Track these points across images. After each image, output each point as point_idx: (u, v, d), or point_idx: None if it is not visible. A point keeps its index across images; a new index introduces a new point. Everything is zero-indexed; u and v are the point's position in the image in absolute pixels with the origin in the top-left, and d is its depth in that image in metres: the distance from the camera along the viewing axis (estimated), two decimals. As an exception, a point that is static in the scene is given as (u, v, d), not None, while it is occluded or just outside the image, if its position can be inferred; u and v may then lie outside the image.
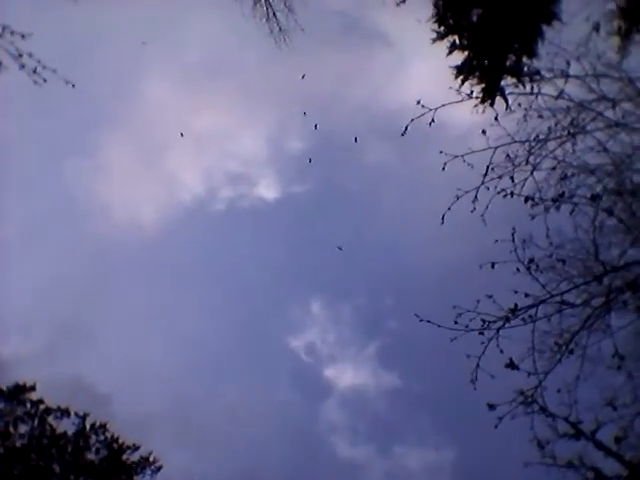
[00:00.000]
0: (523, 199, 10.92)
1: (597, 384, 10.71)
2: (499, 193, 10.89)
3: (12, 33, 9.24)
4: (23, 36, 9.32)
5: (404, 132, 10.83)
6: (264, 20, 10.99)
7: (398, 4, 9.99)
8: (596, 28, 9.61)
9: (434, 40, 9.38)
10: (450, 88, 10.19)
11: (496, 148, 10.74)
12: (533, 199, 10.85)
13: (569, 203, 10.90)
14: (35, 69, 9.44)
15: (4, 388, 19.32)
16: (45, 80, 9.56)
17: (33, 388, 19.67)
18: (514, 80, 9.56)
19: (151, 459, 19.85)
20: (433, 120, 10.53)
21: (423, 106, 10.45)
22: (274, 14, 10.88)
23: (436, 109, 10.46)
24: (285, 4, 10.83)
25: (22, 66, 9.41)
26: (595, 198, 10.81)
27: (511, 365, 10.76)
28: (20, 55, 9.35)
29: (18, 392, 19.20)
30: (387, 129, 10.77)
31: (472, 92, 10.18)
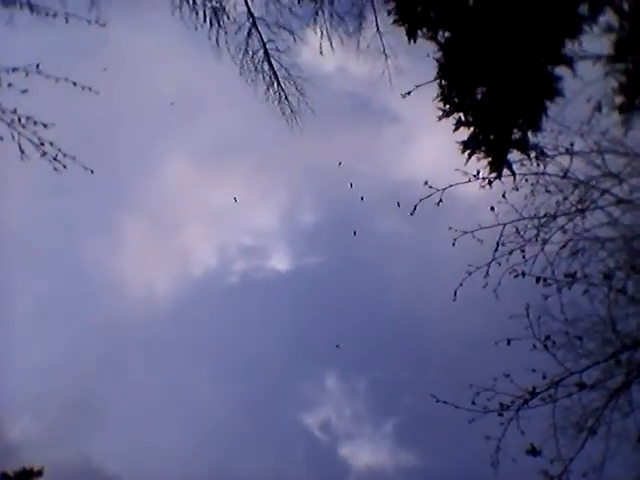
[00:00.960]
0: (535, 279, 10.79)
1: (624, 462, 10.11)
2: (510, 273, 10.73)
3: (35, 123, 9.49)
4: (45, 125, 9.56)
5: (413, 212, 10.82)
6: (276, 103, 11.27)
7: (404, 96, 10.25)
8: (598, 108, 9.74)
9: (440, 118, 9.52)
10: (457, 170, 10.31)
11: (505, 224, 10.66)
12: (545, 279, 10.63)
13: (581, 283, 10.71)
14: (56, 156, 9.55)
15: (11, 473, 18.63)
16: (65, 166, 9.67)
17: (40, 473, 18.93)
18: (520, 155, 9.64)
19: None
20: (441, 200, 10.51)
21: (430, 187, 10.46)
22: (286, 97, 11.15)
23: (444, 189, 10.45)
24: (297, 88, 11.10)
25: (43, 154, 9.63)
26: (608, 277, 10.62)
27: (533, 451, 10.24)
28: (42, 144, 9.54)
29: (25, 477, 18.50)
30: (400, 201, 10.75)
31: (479, 172, 10.21)
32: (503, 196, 10.51)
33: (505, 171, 10.26)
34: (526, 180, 10.25)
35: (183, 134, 13.81)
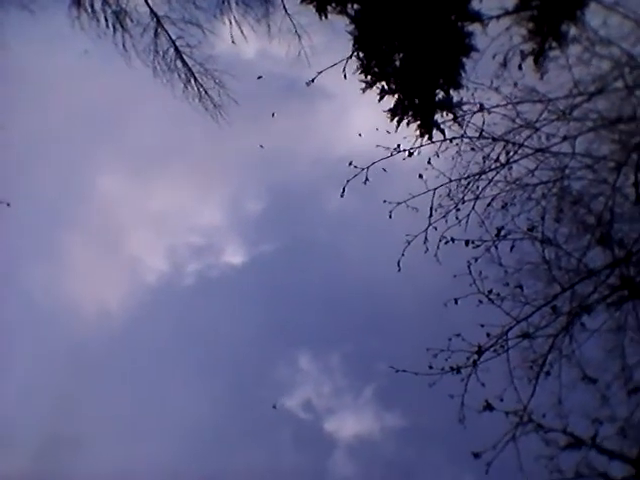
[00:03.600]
0: (464, 243, 10.50)
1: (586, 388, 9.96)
2: (440, 240, 10.43)
3: None
4: None
5: (342, 193, 10.36)
6: (197, 99, 10.47)
7: (308, 84, 9.75)
8: (504, 64, 9.54)
9: (364, 90, 9.06)
10: (378, 146, 9.87)
11: (435, 189, 10.30)
12: (473, 242, 10.28)
13: (508, 240, 10.52)
14: None
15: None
16: None
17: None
18: (447, 115, 9.28)
19: None
20: (367, 179, 10.07)
21: (355, 166, 10.02)
22: (206, 92, 10.36)
23: (368, 168, 10.01)
24: (215, 81, 10.33)
25: None
26: (531, 229, 10.49)
27: (488, 407, 9.95)
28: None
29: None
30: (342, 177, 10.25)
31: (399, 145, 9.89)
32: (429, 162, 10.15)
33: (426, 140, 9.97)
34: (450, 141, 9.92)
35: (109, 147, 12.75)
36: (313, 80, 9.66)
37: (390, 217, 10.36)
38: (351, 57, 9.14)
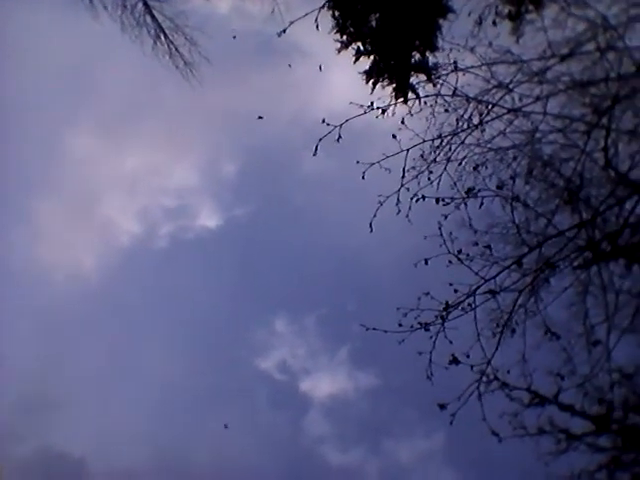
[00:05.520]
0: (434, 200, 10.42)
1: (550, 348, 10.13)
2: (412, 198, 10.33)
3: None
4: None
5: (315, 152, 10.10)
6: (167, 57, 10.00)
7: (279, 34, 9.49)
8: (479, 22, 9.28)
9: (339, 50, 8.74)
10: (351, 103, 9.57)
11: (408, 150, 10.12)
12: (443, 199, 10.20)
13: (478, 197, 10.46)
14: None
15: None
16: None
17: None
18: (422, 76, 9.01)
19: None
20: (340, 136, 9.82)
21: (328, 124, 9.76)
22: (176, 49, 9.91)
23: (341, 125, 9.76)
24: (186, 38, 9.88)
25: None
26: (500, 187, 10.42)
27: (455, 361, 10.05)
28: None
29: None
30: (317, 137, 9.95)
31: (372, 103, 9.66)
32: (402, 122, 9.93)
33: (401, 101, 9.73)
34: (425, 103, 9.70)
35: (80, 106, 12.14)
36: (284, 31, 9.36)
37: (363, 178, 10.21)
38: (323, 7, 8.79)
